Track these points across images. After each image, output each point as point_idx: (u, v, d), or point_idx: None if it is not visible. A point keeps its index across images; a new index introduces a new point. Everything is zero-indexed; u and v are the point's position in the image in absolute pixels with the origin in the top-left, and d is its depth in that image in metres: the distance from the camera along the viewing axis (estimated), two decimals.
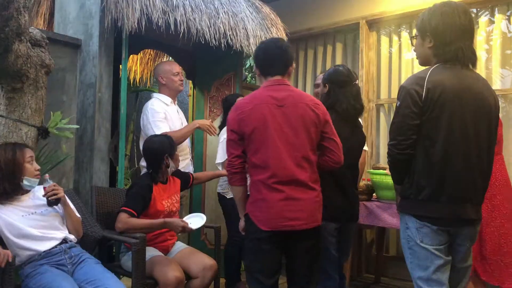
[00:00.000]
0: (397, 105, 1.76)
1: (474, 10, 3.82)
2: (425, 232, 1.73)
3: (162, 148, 2.58)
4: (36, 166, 2.17)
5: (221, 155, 3.28)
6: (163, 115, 2.99)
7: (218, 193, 3.36)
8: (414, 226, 1.75)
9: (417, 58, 1.92)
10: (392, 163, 1.80)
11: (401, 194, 1.83)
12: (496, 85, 3.66)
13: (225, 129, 3.28)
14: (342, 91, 2.35)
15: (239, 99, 2.84)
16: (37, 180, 2.16)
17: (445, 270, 1.75)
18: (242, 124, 1.95)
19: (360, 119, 2.64)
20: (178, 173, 2.81)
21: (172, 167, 2.64)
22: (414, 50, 1.92)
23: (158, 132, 2.86)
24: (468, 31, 1.75)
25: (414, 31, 1.94)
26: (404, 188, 1.79)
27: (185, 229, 2.45)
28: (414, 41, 1.88)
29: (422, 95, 1.68)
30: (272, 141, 1.92)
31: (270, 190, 1.92)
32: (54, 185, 2.13)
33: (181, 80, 3.18)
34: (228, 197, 3.25)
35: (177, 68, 3.18)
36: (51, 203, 2.12)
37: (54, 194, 2.10)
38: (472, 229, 1.80)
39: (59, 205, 2.17)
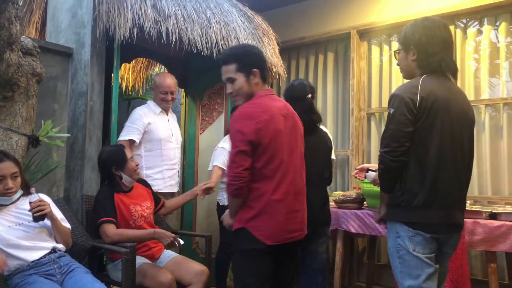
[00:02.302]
0: (391, 112, 1.79)
1: (464, 21, 3.89)
2: (418, 241, 1.75)
3: (109, 160, 2.56)
4: (7, 185, 2.06)
5: (215, 162, 3.31)
6: (142, 125, 3.01)
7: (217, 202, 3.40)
8: (407, 235, 1.77)
9: (401, 72, 1.99)
10: (385, 170, 1.81)
11: (390, 202, 1.84)
12: (485, 94, 3.71)
13: (226, 137, 3.35)
14: (296, 106, 2.42)
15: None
16: (8, 198, 2.08)
17: (435, 278, 1.78)
18: (261, 134, 1.89)
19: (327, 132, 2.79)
20: (151, 192, 2.83)
21: (127, 179, 2.59)
22: (398, 64, 1.99)
23: (123, 137, 2.94)
24: (448, 44, 1.84)
25: (397, 46, 2.01)
26: (395, 196, 1.81)
27: (173, 242, 2.44)
28: (398, 55, 1.95)
29: (416, 103, 1.73)
30: (282, 152, 1.94)
31: (277, 203, 1.92)
32: (40, 201, 2.07)
33: (167, 100, 3.14)
34: (221, 205, 3.28)
35: (166, 87, 3.12)
36: (36, 218, 2.06)
37: (40, 210, 2.05)
38: (459, 235, 1.87)
39: (46, 219, 2.13)
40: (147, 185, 2.82)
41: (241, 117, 1.93)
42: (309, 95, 2.51)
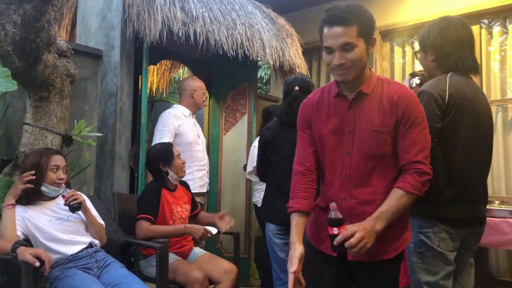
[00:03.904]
0: None
1: (486, 21, 3.87)
2: (443, 237, 1.74)
3: (157, 156, 2.65)
4: (60, 175, 2.18)
5: (250, 164, 3.37)
6: (174, 127, 3.09)
7: (255, 205, 3.49)
8: (432, 231, 1.76)
9: (424, 71, 2.05)
10: None
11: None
12: (510, 93, 3.68)
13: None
14: (285, 100, 2.46)
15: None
16: (57, 189, 2.17)
17: (451, 278, 1.78)
18: None
19: None
20: (193, 196, 2.87)
21: (173, 176, 2.66)
22: (420, 64, 2.02)
23: (158, 141, 2.98)
24: (466, 42, 1.85)
25: (417, 47, 2.05)
26: None
27: (205, 235, 2.50)
28: (418, 55, 1.99)
29: (445, 99, 1.73)
30: None
31: None
32: (73, 191, 2.17)
33: (204, 100, 3.38)
34: (259, 206, 3.34)
35: (205, 88, 3.40)
36: (73, 208, 2.14)
37: (75, 199, 2.13)
38: (483, 229, 1.89)
39: (80, 212, 2.21)
40: (189, 189, 2.86)
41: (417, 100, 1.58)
42: (296, 88, 2.44)
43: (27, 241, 2.03)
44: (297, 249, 1.45)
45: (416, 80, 2.73)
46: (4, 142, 2.70)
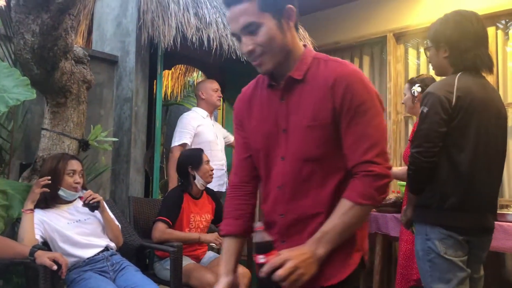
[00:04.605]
0: (424, 111, 1.71)
1: (503, 22, 3.81)
2: (450, 244, 1.68)
3: (186, 160, 2.71)
4: (77, 179, 2.24)
5: None
6: (193, 128, 3.16)
7: None
8: (437, 237, 1.70)
9: (433, 69, 1.92)
10: (416, 171, 1.72)
11: (420, 203, 1.78)
12: None
13: None
14: None
15: None
16: (74, 193, 2.23)
17: (467, 283, 1.72)
18: None
19: None
20: (219, 205, 2.87)
21: (199, 180, 2.70)
22: (429, 61, 1.92)
23: (177, 142, 3.08)
24: (482, 38, 1.76)
25: (426, 42, 1.93)
26: (425, 197, 1.74)
27: (217, 240, 2.56)
28: (428, 52, 1.88)
29: (452, 102, 1.66)
30: None
31: None
32: (90, 191, 2.24)
33: (220, 96, 3.45)
34: None
35: (216, 85, 3.45)
36: (92, 207, 2.20)
37: (93, 198, 2.20)
38: (490, 238, 1.81)
39: (98, 213, 2.26)
40: (215, 199, 2.88)
41: (366, 79, 1.20)
42: None
43: (45, 245, 2.08)
44: (220, 284, 1.21)
45: (417, 88, 2.56)
46: (23, 147, 2.77)
